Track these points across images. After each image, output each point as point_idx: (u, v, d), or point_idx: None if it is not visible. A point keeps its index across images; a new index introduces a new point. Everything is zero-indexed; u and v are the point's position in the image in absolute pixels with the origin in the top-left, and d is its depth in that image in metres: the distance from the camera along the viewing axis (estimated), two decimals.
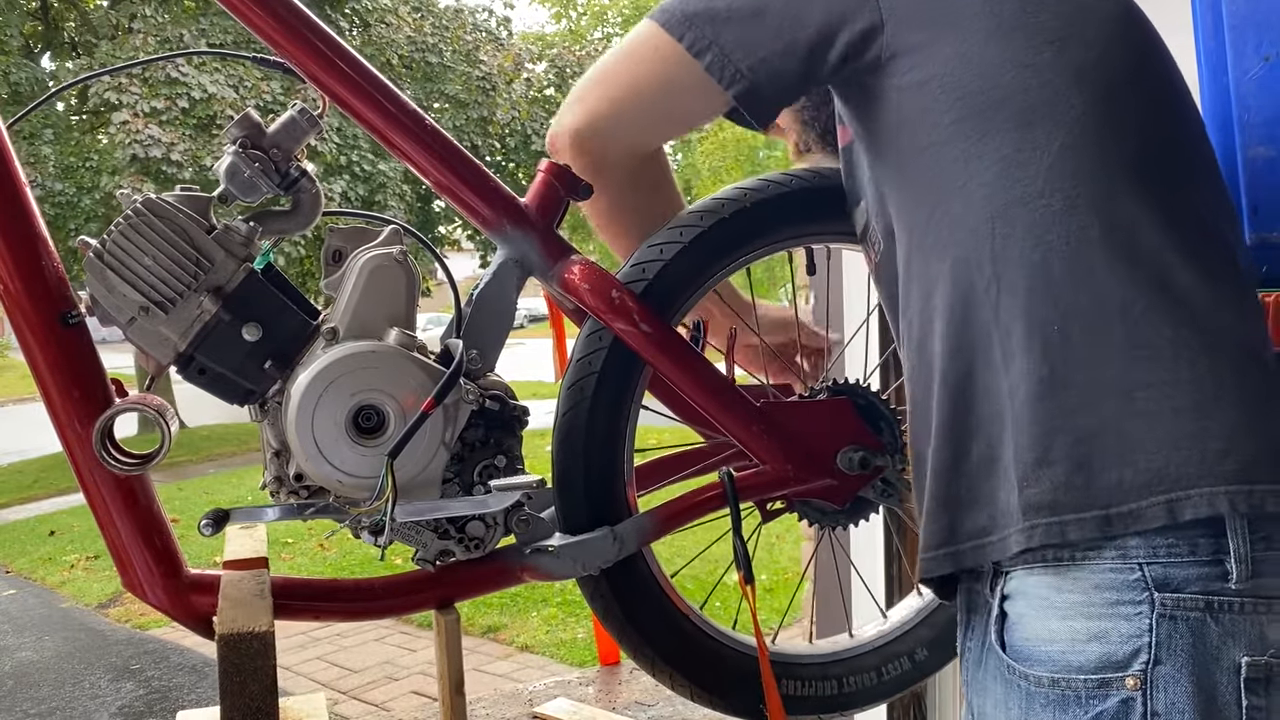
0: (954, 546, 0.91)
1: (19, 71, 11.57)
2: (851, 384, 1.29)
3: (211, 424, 12.29)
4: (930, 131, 0.91)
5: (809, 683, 1.30)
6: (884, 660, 1.34)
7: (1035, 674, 0.84)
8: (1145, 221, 0.84)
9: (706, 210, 1.20)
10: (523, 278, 1.20)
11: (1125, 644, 0.80)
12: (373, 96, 1.13)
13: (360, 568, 5.72)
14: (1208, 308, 0.83)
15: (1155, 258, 0.83)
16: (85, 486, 1.08)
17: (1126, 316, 0.82)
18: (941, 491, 0.91)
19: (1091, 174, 0.85)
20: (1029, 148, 0.86)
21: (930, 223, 0.92)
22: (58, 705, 4.16)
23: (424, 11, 13.89)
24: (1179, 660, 0.79)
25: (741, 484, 1.20)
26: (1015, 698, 0.86)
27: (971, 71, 0.88)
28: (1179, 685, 0.79)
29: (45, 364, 1.05)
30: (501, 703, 3.71)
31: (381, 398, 1.08)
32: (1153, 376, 0.81)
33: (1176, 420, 0.80)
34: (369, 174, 12.00)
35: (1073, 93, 0.86)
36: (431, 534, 1.15)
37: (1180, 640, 0.79)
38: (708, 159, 11.54)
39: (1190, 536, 0.80)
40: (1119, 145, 0.86)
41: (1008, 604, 0.88)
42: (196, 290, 1.06)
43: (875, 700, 1.35)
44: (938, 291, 0.91)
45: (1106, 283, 0.83)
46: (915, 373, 0.97)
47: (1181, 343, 0.82)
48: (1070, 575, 0.83)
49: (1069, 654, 0.82)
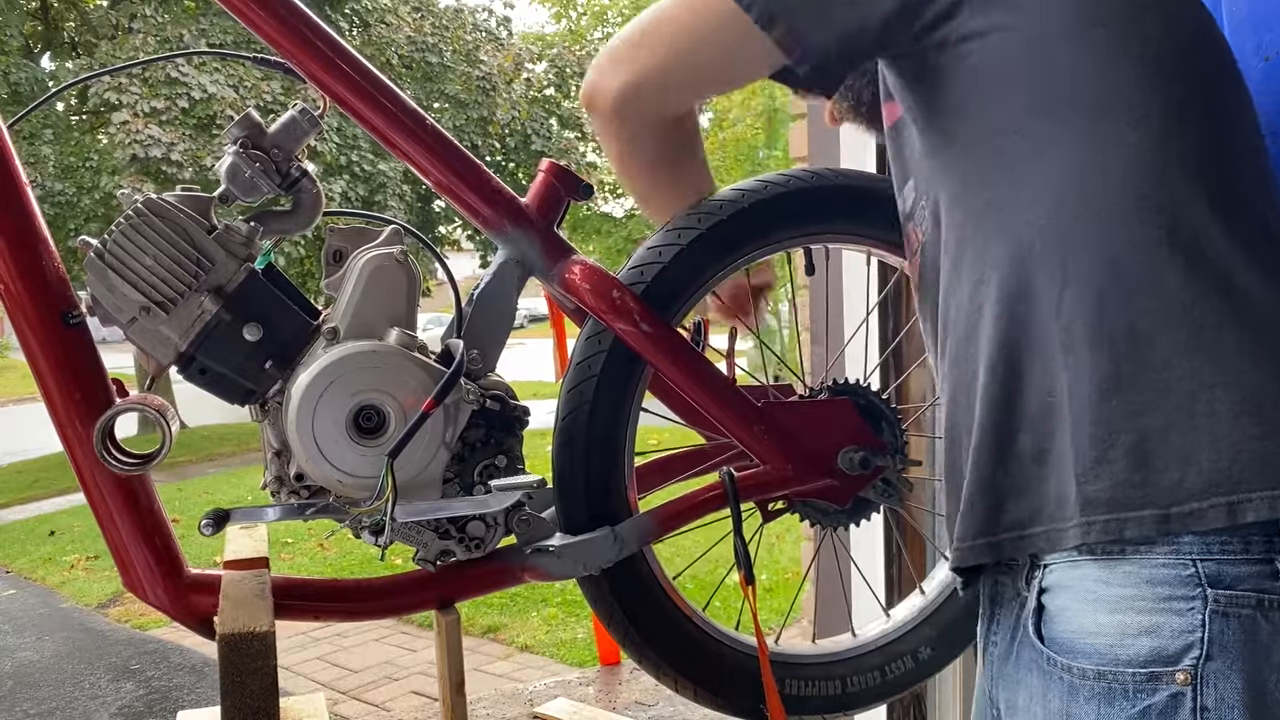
0: (994, 537, 0.90)
1: (19, 71, 11.57)
2: (852, 384, 1.29)
3: (212, 424, 12.29)
4: (999, 116, 0.89)
5: (812, 682, 1.30)
6: (888, 659, 1.34)
7: (1080, 666, 0.84)
8: (1212, 224, 0.83)
9: (705, 212, 1.21)
10: (523, 278, 1.20)
11: (1177, 639, 0.80)
12: (373, 96, 1.13)
13: (360, 568, 5.71)
14: (1270, 310, 0.83)
15: (1220, 260, 0.83)
16: (86, 486, 1.08)
17: (1190, 317, 0.82)
18: (984, 481, 0.90)
19: (1162, 174, 0.84)
20: (1104, 143, 0.85)
21: (990, 209, 0.90)
22: (58, 705, 4.16)
23: (424, 11, 13.89)
24: (1230, 657, 0.79)
25: (742, 484, 1.20)
26: (1056, 690, 0.85)
27: (1050, 59, 0.87)
28: (1229, 681, 0.79)
29: (46, 364, 1.05)
30: (502, 703, 3.71)
31: (382, 398, 1.08)
32: (1216, 378, 0.81)
33: (1238, 423, 0.80)
34: (369, 174, 12.00)
35: (1151, 92, 0.86)
36: (432, 534, 1.15)
37: (1232, 637, 0.79)
38: (707, 159, 11.57)
39: (1244, 534, 0.80)
40: (1192, 148, 0.85)
41: (1046, 597, 0.87)
42: (197, 290, 1.06)
43: (879, 700, 1.35)
44: (992, 280, 0.89)
45: (1173, 284, 0.82)
46: (957, 360, 0.95)
47: (1244, 345, 0.82)
48: (1121, 569, 0.83)
49: (1117, 647, 0.82)
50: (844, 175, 1.32)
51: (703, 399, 1.21)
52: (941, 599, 1.36)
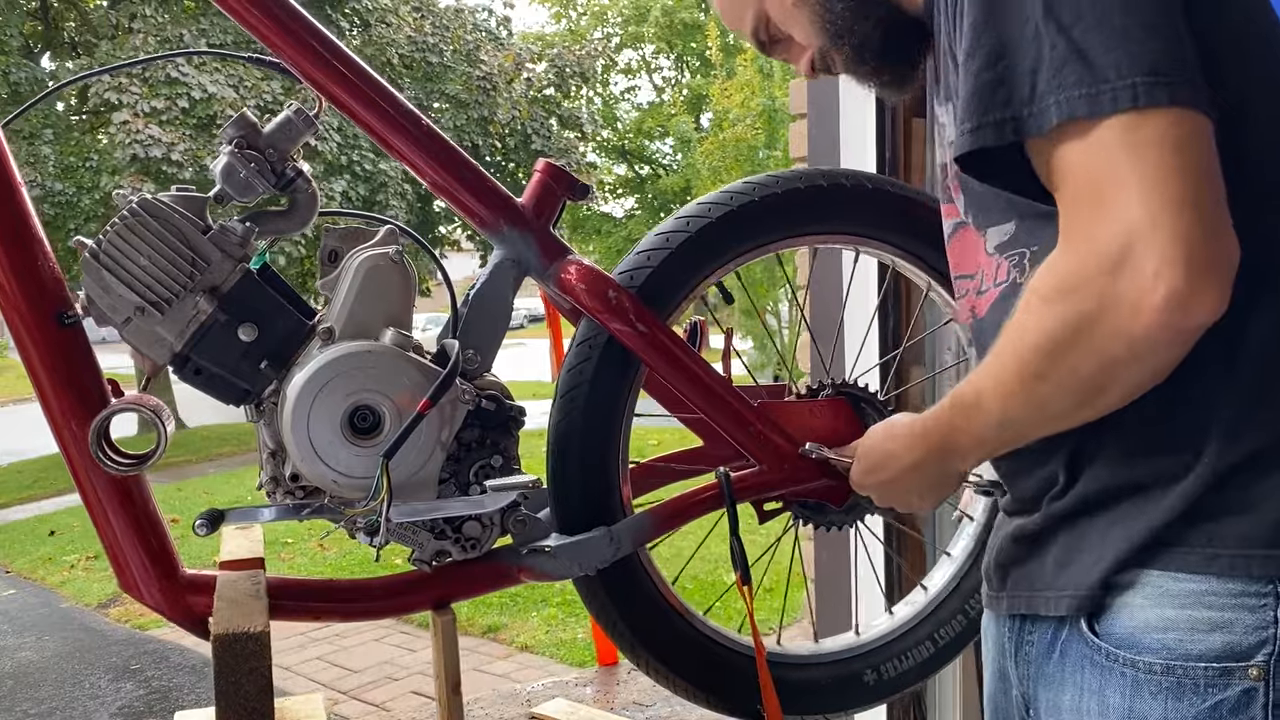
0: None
1: (19, 71, 11.56)
2: (849, 384, 1.29)
3: (210, 424, 12.28)
4: None
5: (905, 655, 1.36)
6: (965, 599, 1.37)
7: (1145, 661, 0.83)
8: None
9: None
10: (519, 278, 1.20)
11: (1250, 634, 0.80)
12: (368, 97, 1.13)
13: (359, 568, 5.70)
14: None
15: None
16: (81, 487, 1.07)
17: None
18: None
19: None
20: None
21: None
22: (58, 705, 4.15)
23: (424, 11, 13.88)
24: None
25: (738, 484, 1.20)
26: (1116, 685, 0.84)
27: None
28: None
29: (41, 364, 1.05)
30: (499, 703, 3.71)
31: (377, 398, 1.07)
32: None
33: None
34: (370, 173, 11.99)
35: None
36: (428, 534, 1.15)
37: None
38: (708, 159, 11.52)
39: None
40: None
41: (1110, 587, 0.86)
42: (192, 290, 1.06)
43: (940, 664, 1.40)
44: None
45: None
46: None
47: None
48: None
49: (1186, 642, 0.81)
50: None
51: (698, 399, 1.20)
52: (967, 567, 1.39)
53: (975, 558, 1.37)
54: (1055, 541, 0.89)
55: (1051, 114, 0.76)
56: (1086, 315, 0.75)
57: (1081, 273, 0.75)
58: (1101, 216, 0.74)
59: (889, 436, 1.04)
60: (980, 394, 0.87)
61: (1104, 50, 0.75)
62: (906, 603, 1.41)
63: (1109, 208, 0.74)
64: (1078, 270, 0.76)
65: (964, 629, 1.37)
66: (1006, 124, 0.79)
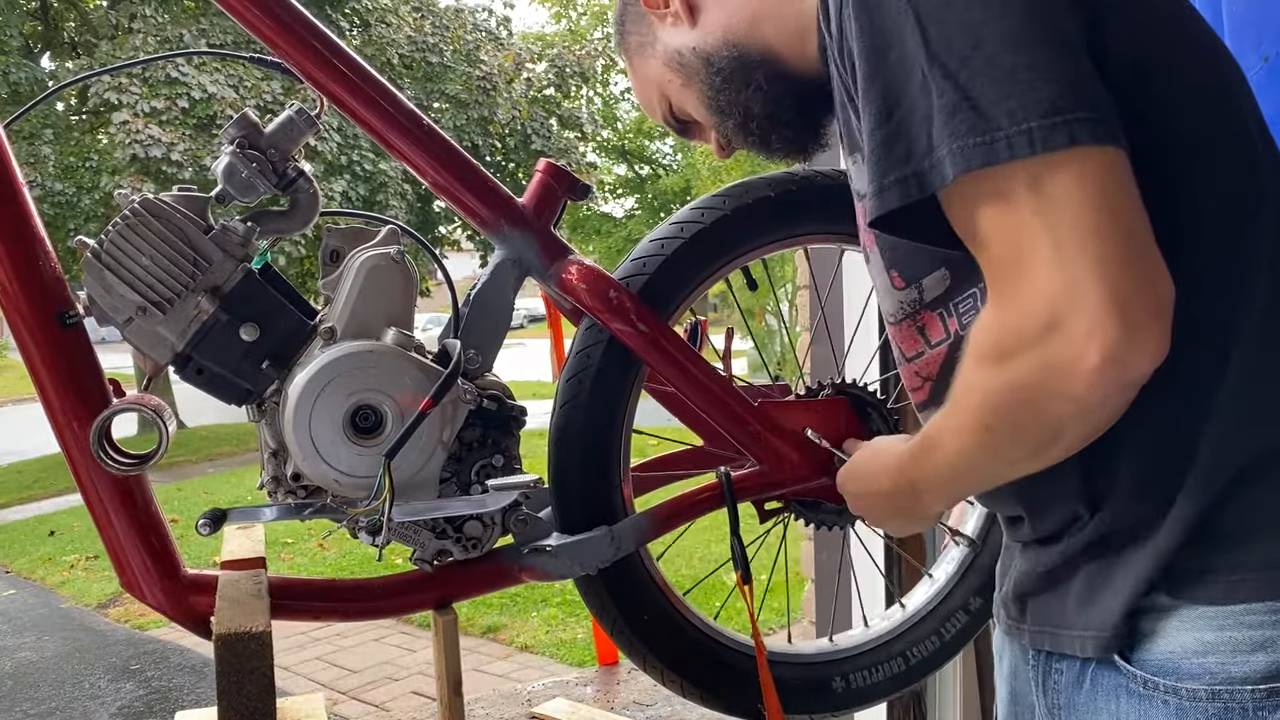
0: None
1: (19, 71, 11.56)
2: (849, 383, 1.29)
3: (211, 424, 12.29)
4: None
5: (876, 668, 1.34)
6: (941, 622, 1.37)
7: (1188, 688, 0.79)
8: None
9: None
10: (520, 278, 1.20)
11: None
12: (369, 96, 1.13)
13: (360, 567, 5.71)
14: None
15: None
16: (83, 486, 1.07)
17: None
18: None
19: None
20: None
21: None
22: (57, 705, 4.16)
23: (424, 11, 13.88)
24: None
25: (739, 484, 1.20)
26: (1158, 714, 0.81)
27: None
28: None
29: (43, 364, 1.05)
30: (500, 703, 3.71)
31: (379, 397, 1.07)
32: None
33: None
34: (370, 173, 11.99)
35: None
36: (429, 534, 1.15)
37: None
38: (707, 159, 11.53)
39: None
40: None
41: (1135, 617, 0.83)
42: (194, 290, 1.06)
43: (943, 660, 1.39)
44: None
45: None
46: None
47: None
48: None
49: (1229, 665, 0.78)
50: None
51: (699, 398, 1.21)
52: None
53: (956, 583, 1.38)
54: (1076, 576, 0.86)
55: (947, 166, 0.72)
56: (1025, 382, 0.73)
57: (1017, 335, 0.72)
58: (1023, 284, 0.71)
59: (875, 456, 1.03)
60: (941, 433, 0.85)
61: (994, 97, 0.70)
62: (883, 617, 1.41)
63: (1029, 276, 0.70)
64: (1013, 332, 0.72)
65: (937, 651, 1.37)
66: (910, 180, 0.75)
